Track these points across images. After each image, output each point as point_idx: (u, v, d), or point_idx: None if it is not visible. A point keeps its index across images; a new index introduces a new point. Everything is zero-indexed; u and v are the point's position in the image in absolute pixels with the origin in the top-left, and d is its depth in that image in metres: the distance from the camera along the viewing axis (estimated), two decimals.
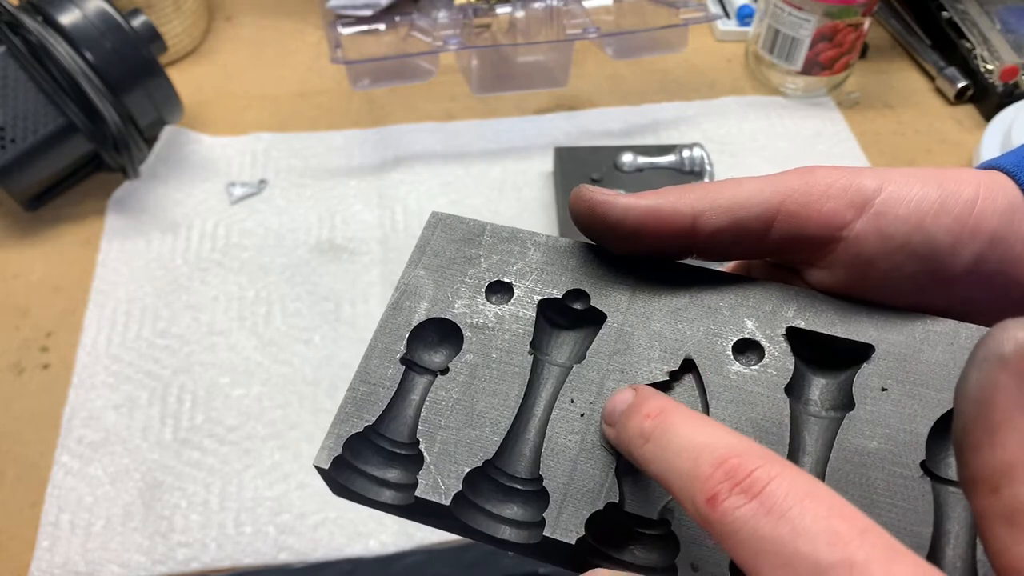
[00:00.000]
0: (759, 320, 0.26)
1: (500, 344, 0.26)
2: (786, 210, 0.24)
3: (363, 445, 0.25)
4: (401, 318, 0.27)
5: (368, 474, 0.25)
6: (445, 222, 0.29)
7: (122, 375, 0.57)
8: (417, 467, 0.24)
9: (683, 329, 0.26)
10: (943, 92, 0.79)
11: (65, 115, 0.62)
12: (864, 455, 0.23)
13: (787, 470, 0.18)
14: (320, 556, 0.50)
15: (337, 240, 0.65)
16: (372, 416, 0.25)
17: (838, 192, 0.24)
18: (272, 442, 0.54)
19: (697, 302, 0.26)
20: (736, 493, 0.18)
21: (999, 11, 0.79)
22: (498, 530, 0.24)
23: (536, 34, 0.69)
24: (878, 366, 0.25)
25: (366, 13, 0.67)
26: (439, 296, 0.27)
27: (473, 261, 0.28)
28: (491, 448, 0.24)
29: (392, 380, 0.26)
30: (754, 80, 0.80)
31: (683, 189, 0.25)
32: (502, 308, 0.27)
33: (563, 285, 0.27)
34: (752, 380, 0.25)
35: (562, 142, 0.73)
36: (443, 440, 0.25)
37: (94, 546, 0.50)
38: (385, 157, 0.72)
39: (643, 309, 0.26)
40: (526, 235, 0.28)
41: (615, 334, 0.26)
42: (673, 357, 0.25)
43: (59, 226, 0.67)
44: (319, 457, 0.25)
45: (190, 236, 0.66)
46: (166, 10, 0.76)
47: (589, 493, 0.24)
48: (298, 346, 0.59)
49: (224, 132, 0.74)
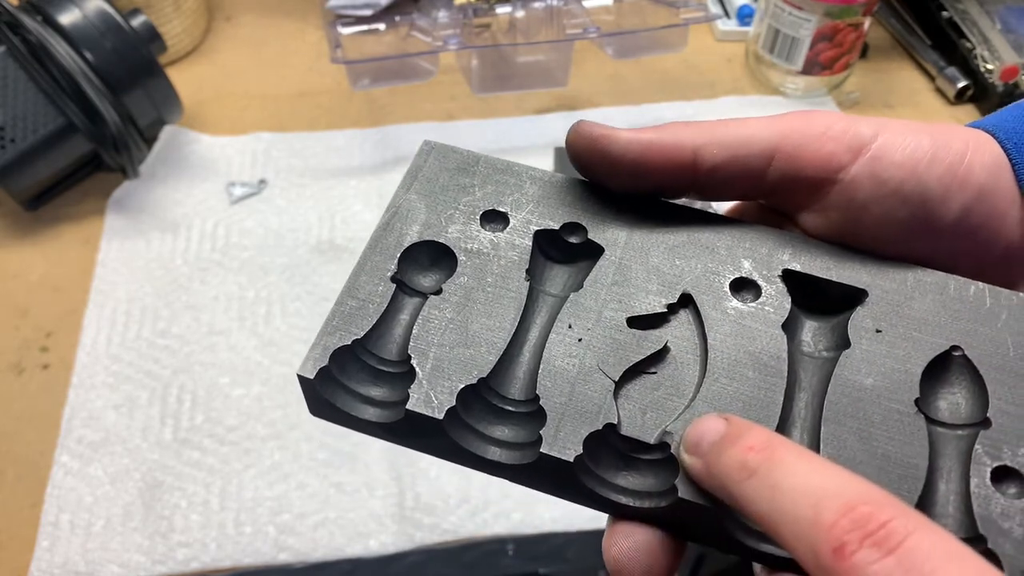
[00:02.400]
0: (755, 261, 0.26)
1: (495, 269, 0.26)
2: (784, 149, 0.25)
3: (349, 360, 0.25)
4: (391, 238, 0.27)
5: (353, 390, 0.25)
6: (438, 150, 0.29)
7: (122, 375, 0.57)
8: (405, 385, 0.24)
9: (681, 265, 0.26)
10: (943, 92, 0.79)
11: (65, 115, 0.62)
12: (860, 391, 0.24)
13: (925, 524, 0.17)
14: (320, 556, 0.50)
15: (337, 240, 0.65)
16: (360, 331, 0.25)
17: (836, 135, 0.25)
18: (272, 442, 0.54)
19: (694, 241, 0.27)
20: (868, 546, 0.16)
21: (999, 11, 0.79)
22: (488, 451, 0.24)
23: (536, 34, 0.69)
24: (871, 310, 0.25)
25: (366, 13, 0.67)
26: (432, 220, 0.27)
27: (467, 190, 0.28)
28: (486, 367, 0.24)
29: (382, 298, 0.26)
30: (754, 80, 0.80)
31: (683, 125, 0.25)
32: (497, 235, 0.27)
33: (559, 218, 0.27)
34: (750, 316, 0.25)
35: (562, 142, 0.73)
36: (436, 357, 0.24)
37: (94, 546, 0.50)
38: (385, 157, 0.72)
39: (640, 244, 0.27)
40: (521, 168, 0.28)
41: (613, 267, 0.26)
42: (671, 291, 0.26)
43: (59, 226, 0.67)
44: (304, 367, 0.24)
45: (190, 236, 0.66)
46: (166, 10, 0.76)
47: (587, 414, 0.24)
48: (298, 346, 0.59)
49: (224, 132, 0.74)
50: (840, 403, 0.24)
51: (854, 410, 0.23)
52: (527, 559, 0.51)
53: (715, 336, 0.25)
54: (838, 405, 0.24)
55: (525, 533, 0.51)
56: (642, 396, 0.24)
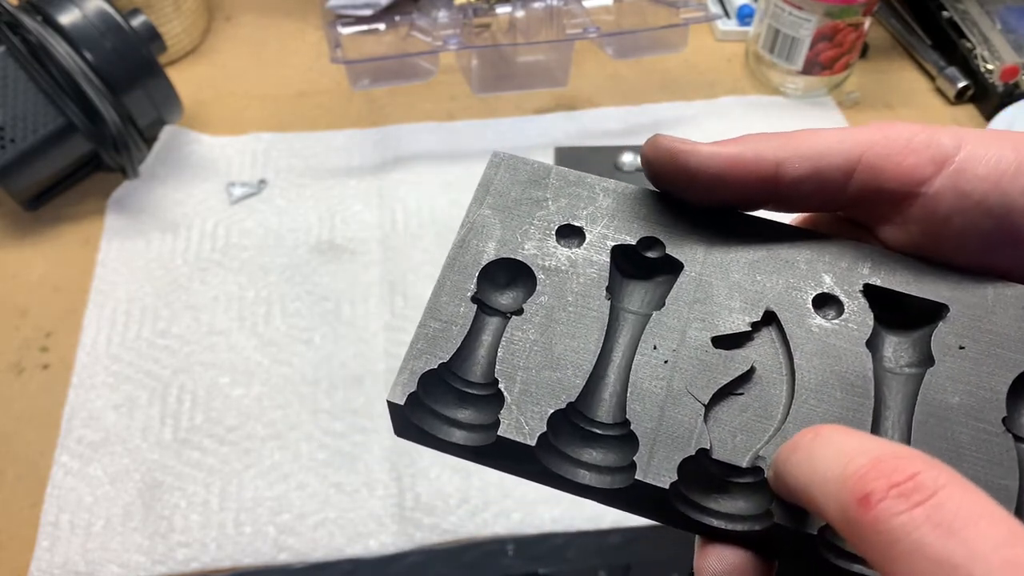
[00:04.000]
0: (836, 276, 0.26)
1: (575, 287, 0.26)
2: (867, 162, 0.25)
3: (435, 383, 0.25)
4: (469, 256, 0.26)
5: (440, 414, 0.25)
6: (508, 162, 0.28)
7: (122, 375, 0.57)
8: (491, 408, 0.24)
9: (762, 281, 0.26)
10: (943, 92, 0.79)
11: (65, 115, 0.62)
12: (946, 410, 0.23)
13: (957, 480, 0.16)
14: (320, 556, 0.50)
15: (337, 240, 0.65)
16: (445, 353, 0.25)
17: (919, 147, 0.24)
18: (272, 442, 0.54)
19: (774, 255, 0.26)
20: (895, 496, 0.16)
21: (999, 11, 0.79)
22: (579, 475, 0.24)
23: (536, 34, 0.69)
24: (953, 325, 0.25)
25: (366, 13, 0.67)
26: (507, 236, 0.27)
27: (540, 203, 0.27)
28: (573, 391, 0.24)
29: (464, 318, 0.25)
30: (754, 80, 0.80)
31: (764, 137, 0.25)
32: (574, 252, 0.26)
33: (636, 232, 0.27)
34: (834, 334, 0.25)
35: (562, 142, 0.73)
36: (523, 380, 0.24)
37: (94, 546, 0.50)
38: (385, 157, 0.72)
39: (720, 260, 0.26)
40: (594, 180, 0.28)
41: (693, 283, 0.26)
42: (754, 308, 0.25)
43: (59, 226, 0.67)
44: (393, 392, 0.24)
45: (190, 236, 0.66)
46: (166, 10, 0.76)
47: (679, 439, 0.23)
48: (298, 346, 0.59)
49: (224, 132, 0.74)
50: (927, 423, 0.23)
51: (942, 430, 0.23)
52: (527, 559, 0.51)
53: (800, 355, 0.25)
54: (926, 425, 0.23)
55: (525, 533, 0.51)
56: (731, 418, 0.24)
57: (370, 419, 0.55)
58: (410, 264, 0.64)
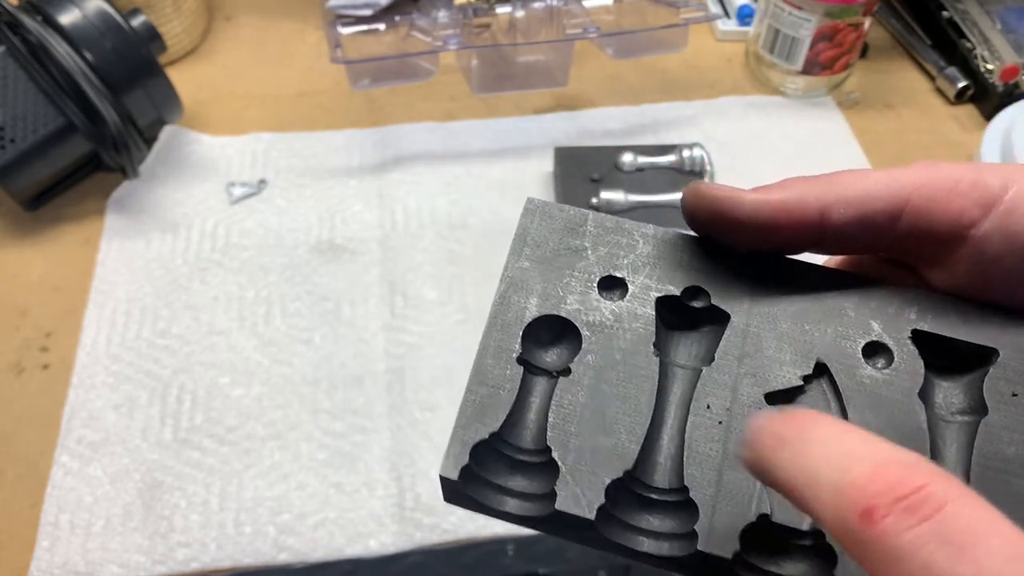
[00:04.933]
0: (884, 322, 0.25)
1: (622, 344, 0.25)
2: (913, 206, 0.24)
3: (485, 451, 0.24)
4: (511, 314, 0.26)
5: (492, 483, 0.24)
6: (543, 209, 0.28)
7: (122, 375, 0.57)
8: (544, 475, 0.24)
9: (811, 331, 0.25)
10: (943, 92, 0.79)
11: (65, 115, 0.62)
12: (1004, 462, 0.23)
13: (965, 493, 0.16)
14: (320, 556, 0.50)
15: (337, 240, 0.65)
16: (495, 421, 0.24)
17: (965, 189, 0.24)
18: (272, 442, 0.54)
19: (820, 303, 0.26)
20: (901, 511, 0.15)
21: (999, 11, 0.79)
22: (638, 543, 0.23)
23: (536, 34, 0.69)
24: (1005, 371, 0.24)
25: (366, 13, 0.67)
26: (548, 290, 0.26)
27: (580, 253, 0.27)
28: (629, 458, 0.24)
29: (512, 382, 0.25)
30: (754, 80, 0.80)
31: (806, 182, 0.25)
32: (618, 305, 0.26)
33: (679, 281, 0.26)
34: (885, 385, 0.24)
35: (562, 142, 0.73)
36: (577, 448, 0.24)
37: (94, 546, 0.50)
38: (385, 157, 0.72)
39: (766, 309, 0.26)
40: (632, 226, 0.27)
41: (741, 335, 0.25)
42: (805, 360, 0.25)
43: (59, 226, 0.67)
44: (445, 467, 0.24)
45: (190, 236, 0.66)
46: (166, 10, 0.76)
47: (739, 503, 0.23)
48: (298, 346, 0.59)
49: (224, 132, 0.74)
50: (985, 475, 0.23)
51: (1001, 483, 0.23)
52: (527, 559, 0.51)
53: (853, 409, 0.24)
54: (983, 477, 0.23)
55: (525, 533, 0.51)
56: None
57: (370, 419, 0.55)
58: (410, 264, 0.64)
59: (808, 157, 0.73)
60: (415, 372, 0.57)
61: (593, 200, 0.64)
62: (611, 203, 0.63)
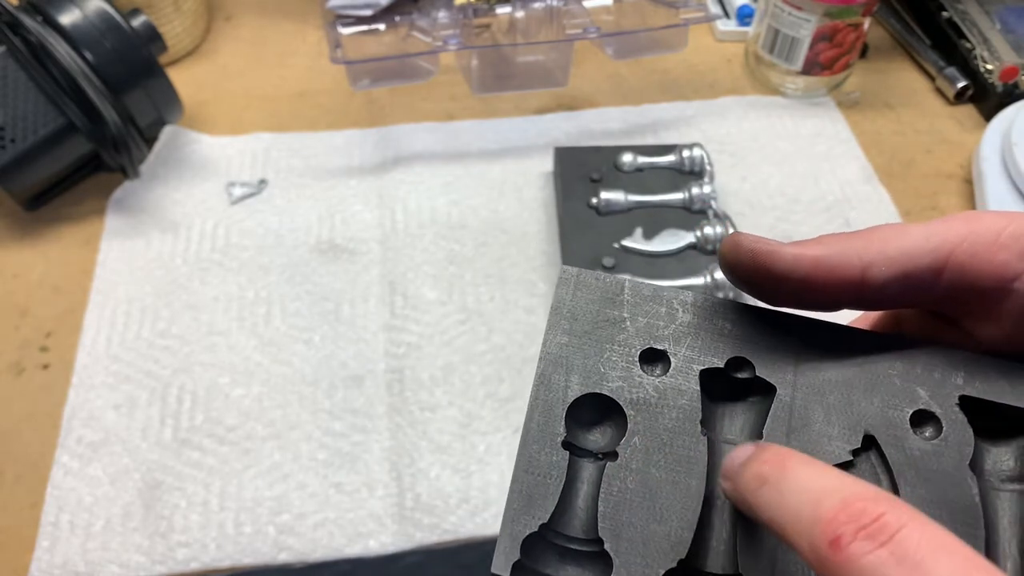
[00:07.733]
0: (930, 389, 0.24)
1: (667, 424, 0.25)
2: (955, 261, 0.24)
3: (536, 542, 0.24)
4: (553, 394, 0.25)
5: (544, 574, 0.24)
6: (579, 279, 0.27)
7: (122, 375, 0.57)
8: (596, 565, 0.23)
9: (858, 402, 0.25)
10: (943, 92, 0.79)
11: (65, 115, 0.62)
12: None
13: (917, 518, 0.18)
14: (320, 556, 0.50)
15: (337, 240, 0.65)
16: (544, 511, 0.24)
17: (1008, 241, 0.23)
18: (272, 442, 0.54)
19: (866, 371, 0.25)
20: (863, 538, 0.17)
21: (999, 11, 0.79)
22: None
23: (536, 34, 0.69)
24: None
25: (366, 13, 0.67)
26: (590, 367, 0.25)
27: (618, 324, 0.26)
28: (682, 547, 0.23)
29: (559, 468, 0.24)
30: (754, 80, 0.80)
31: (846, 238, 0.24)
32: (662, 380, 0.25)
33: (721, 352, 0.25)
34: (935, 456, 0.24)
35: (562, 142, 0.73)
36: (629, 538, 0.23)
37: (94, 546, 0.50)
38: (385, 157, 0.72)
39: (812, 380, 0.25)
40: (670, 294, 0.26)
41: (787, 409, 0.25)
42: (853, 434, 0.24)
43: (59, 226, 0.67)
44: (497, 563, 0.23)
45: (190, 236, 0.66)
46: (166, 10, 0.76)
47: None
48: (298, 346, 0.59)
49: (224, 132, 0.74)
50: None
51: None
52: None
53: (904, 483, 0.23)
54: None
55: None
56: None
57: (370, 419, 0.55)
58: (410, 264, 0.64)
59: (808, 157, 0.73)
60: (415, 372, 0.57)
61: (593, 200, 0.64)
62: (611, 203, 0.63)
